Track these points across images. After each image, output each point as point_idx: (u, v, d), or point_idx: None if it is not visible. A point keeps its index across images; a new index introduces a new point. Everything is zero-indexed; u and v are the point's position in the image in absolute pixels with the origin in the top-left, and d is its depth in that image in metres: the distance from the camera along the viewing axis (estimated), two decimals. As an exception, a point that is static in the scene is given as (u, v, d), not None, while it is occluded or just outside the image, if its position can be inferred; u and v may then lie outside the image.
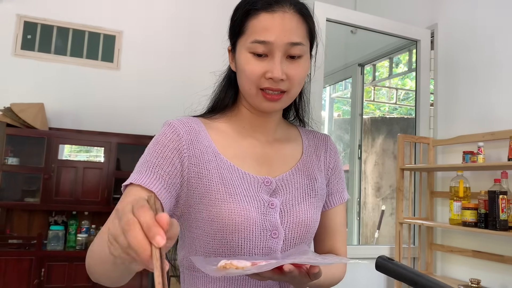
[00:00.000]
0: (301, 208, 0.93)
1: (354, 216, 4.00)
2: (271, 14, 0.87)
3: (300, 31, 0.89)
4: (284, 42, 0.86)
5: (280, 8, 0.87)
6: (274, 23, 0.86)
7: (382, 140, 4.77)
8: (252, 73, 0.87)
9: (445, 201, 2.69)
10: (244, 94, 0.93)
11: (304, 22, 0.91)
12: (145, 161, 0.87)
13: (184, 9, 4.04)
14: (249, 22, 0.89)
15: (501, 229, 2.09)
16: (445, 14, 2.85)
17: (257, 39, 0.87)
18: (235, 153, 0.94)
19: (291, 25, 0.87)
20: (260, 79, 0.88)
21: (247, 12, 0.89)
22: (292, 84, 0.89)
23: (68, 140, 3.45)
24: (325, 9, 2.63)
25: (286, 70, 0.87)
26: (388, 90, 6.10)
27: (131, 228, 0.51)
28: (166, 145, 0.88)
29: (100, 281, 0.79)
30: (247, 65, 0.88)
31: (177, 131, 0.89)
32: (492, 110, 2.44)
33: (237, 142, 0.96)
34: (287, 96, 0.91)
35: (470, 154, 2.37)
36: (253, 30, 0.88)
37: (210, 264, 0.73)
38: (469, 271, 2.48)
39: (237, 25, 0.92)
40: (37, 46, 3.62)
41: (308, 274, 0.78)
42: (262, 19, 0.87)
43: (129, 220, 0.51)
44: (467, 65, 2.64)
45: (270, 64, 0.87)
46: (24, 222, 3.41)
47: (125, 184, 0.86)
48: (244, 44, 0.89)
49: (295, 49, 0.88)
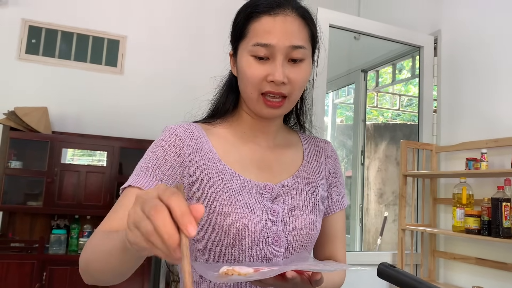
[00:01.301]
0: (303, 215, 0.92)
1: (356, 222, 3.99)
2: (273, 17, 0.87)
3: (302, 35, 0.89)
4: (285, 45, 0.86)
5: (282, 12, 0.87)
6: (276, 26, 0.86)
7: (385, 146, 4.76)
8: (253, 76, 0.87)
9: (448, 208, 2.68)
10: (245, 99, 0.93)
11: (306, 25, 0.91)
12: (144, 164, 0.86)
13: (188, 14, 4.06)
14: (251, 26, 0.89)
15: (505, 236, 2.08)
16: (449, 20, 2.85)
17: (258, 42, 0.86)
18: (236, 159, 0.93)
19: (293, 28, 0.87)
20: (262, 82, 0.87)
21: (249, 15, 0.89)
22: (293, 88, 0.89)
23: (71, 144, 3.46)
24: (328, 15, 2.63)
25: (287, 73, 0.87)
26: (391, 96, 6.09)
27: (158, 213, 0.48)
28: (166, 149, 0.87)
29: (97, 278, 0.75)
30: (248, 68, 0.87)
31: (178, 136, 0.89)
32: (495, 116, 2.43)
33: (238, 148, 0.95)
34: (288, 101, 0.90)
35: (473, 161, 2.36)
36: (255, 33, 0.88)
37: (211, 270, 0.72)
38: (472, 279, 2.47)
39: (238, 29, 0.92)
40: (41, 50, 3.64)
41: (310, 281, 0.77)
42: (263, 22, 0.87)
43: (156, 205, 0.49)
44: (470, 71, 2.64)
45: (271, 67, 0.86)
46: (26, 225, 3.42)
47: (123, 187, 0.85)
48: (245, 47, 0.89)
49: (297, 52, 0.88)
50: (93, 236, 0.79)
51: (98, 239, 0.76)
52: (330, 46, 2.61)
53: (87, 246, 0.78)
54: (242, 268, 0.71)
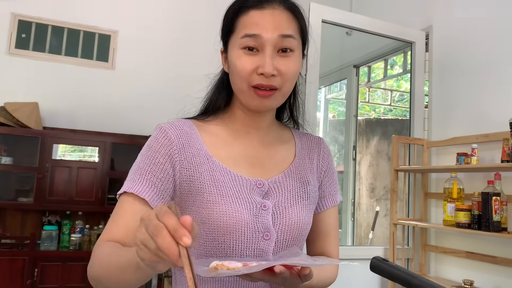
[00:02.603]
0: (294, 210, 0.93)
1: (348, 217, 4.01)
2: (260, 11, 0.88)
3: (291, 26, 0.90)
4: (274, 36, 0.87)
5: (270, 5, 0.89)
6: (264, 18, 0.88)
7: (376, 141, 4.78)
8: (243, 69, 0.87)
9: (439, 202, 2.70)
10: (236, 92, 0.93)
11: (294, 18, 0.92)
12: (138, 168, 0.88)
13: (179, 9, 4.03)
14: (240, 20, 0.90)
15: (494, 230, 2.10)
16: (440, 16, 2.87)
17: (247, 33, 0.87)
18: (228, 155, 0.94)
19: (281, 20, 0.88)
20: (252, 75, 0.87)
21: (237, 10, 0.91)
22: (284, 80, 0.89)
23: (62, 139, 3.44)
24: (320, 10, 2.63)
25: (277, 65, 0.87)
26: (383, 91, 6.12)
27: (159, 232, 0.55)
28: (157, 151, 0.89)
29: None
30: (238, 60, 0.88)
31: (168, 136, 0.90)
32: (486, 112, 2.45)
33: (230, 144, 0.96)
34: (279, 93, 0.90)
35: (464, 156, 2.38)
36: (243, 25, 0.89)
37: (201, 265, 0.73)
38: (462, 272, 2.49)
39: (227, 24, 0.93)
40: (31, 45, 3.61)
41: (299, 276, 0.78)
42: (252, 15, 0.88)
43: (156, 225, 0.56)
44: (461, 67, 2.66)
45: (261, 59, 0.87)
46: (17, 222, 3.39)
47: (119, 193, 0.87)
48: (235, 41, 0.90)
49: (287, 41, 0.88)
50: (99, 249, 0.81)
51: (107, 255, 0.78)
52: (323, 42, 2.61)
53: (94, 260, 0.80)
54: (231, 262, 0.72)
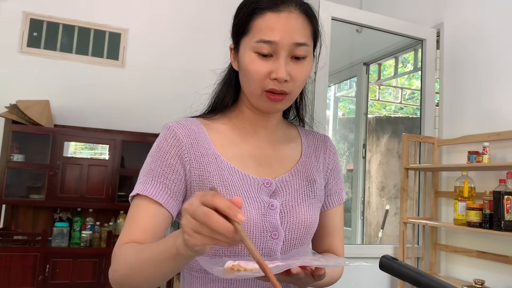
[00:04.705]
0: (301, 209, 0.93)
1: (358, 216, 3.99)
2: (277, 14, 0.86)
3: (305, 32, 0.89)
4: (289, 42, 0.86)
5: (286, 8, 0.87)
6: (280, 23, 0.86)
7: (386, 139, 4.75)
8: (257, 73, 0.87)
9: (449, 201, 2.68)
10: (247, 94, 0.93)
11: (309, 22, 0.90)
12: (149, 170, 0.88)
13: (189, 7, 4.04)
14: (254, 21, 0.88)
15: (506, 229, 2.08)
16: (451, 13, 2.84)
17: (262, 39, 0.86)
18: (235, 155, 0.94)
19: (297, 26, 0.87)
20: (265, 79, 0.87)
21: (252, 11, 0.88)
22: (295, 85, 0.89)
23: (73, 137, 3.47)
24: (330, 7, 2.62)
25: (289, 70, 0.87)
26: (393, 89, 6.08)
27: (210, 217, 0.59)
28: (168, 152, 0.89)
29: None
30: (251, 65, 0.87)
31: (176, 136, 0.90)
32: (497, 110, 2.43)
33: (237, 143, 0.96)
34: (289, 97, 0.91)
35: (475, 154, 2.36)
36: (258, 29, 0.87)
37: (216, 265, 0.72)
38: (473, 272, 2.47)
39: (241, 24, 0.91)
40: (43, 43, 3.64)
41: (313, 275, 0.78)
42: (267, 18, 0.86)
43: (205, 211, 0.59)
44: (472, 64, 2.63)
45: (275, 64, 0.86)
46: (29, 218, 3.44)
47: (132, 195, 0.87)
48: (248, 43, 0.88)
49: (300, 50, 0.87)
50: (122, 250, 0.81)
51: (133, 253, 0.78)
52: (332, 39, 2.59)
53: (119, 262, 0.80)
54: (248, 263, 0.72)
